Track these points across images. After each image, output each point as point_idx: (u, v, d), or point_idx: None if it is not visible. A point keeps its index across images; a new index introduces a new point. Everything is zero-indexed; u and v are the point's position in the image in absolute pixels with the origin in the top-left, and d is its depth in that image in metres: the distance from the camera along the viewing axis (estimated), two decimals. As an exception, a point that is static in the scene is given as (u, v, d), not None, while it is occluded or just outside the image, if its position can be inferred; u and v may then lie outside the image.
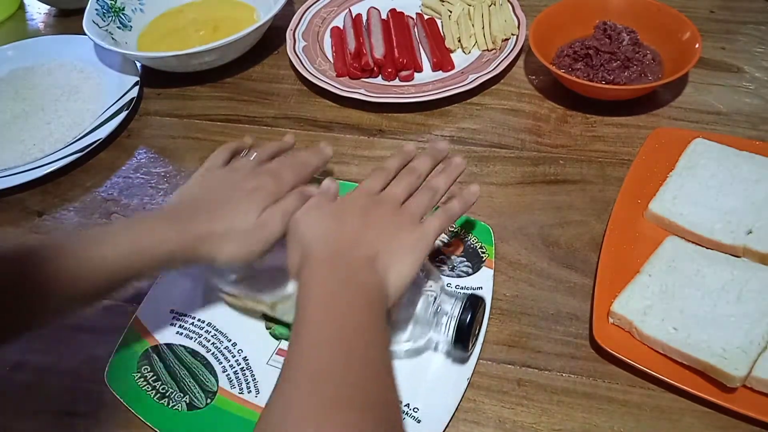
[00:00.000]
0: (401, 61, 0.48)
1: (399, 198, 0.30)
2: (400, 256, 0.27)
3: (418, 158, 0.32)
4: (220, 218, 0.30)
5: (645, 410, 0.29)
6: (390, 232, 0.28)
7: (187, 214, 0.30)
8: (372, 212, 0.29)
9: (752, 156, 0.38)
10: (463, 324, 0.29)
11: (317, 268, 0.27)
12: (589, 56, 0.45)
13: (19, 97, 0.52)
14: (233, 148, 0.36)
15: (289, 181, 0.32)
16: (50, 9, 0.64)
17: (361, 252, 0.27)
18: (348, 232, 0.28)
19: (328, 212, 0.29)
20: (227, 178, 0.32)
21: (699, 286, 0.32)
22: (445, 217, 0.30)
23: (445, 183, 0.31)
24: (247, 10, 0.57)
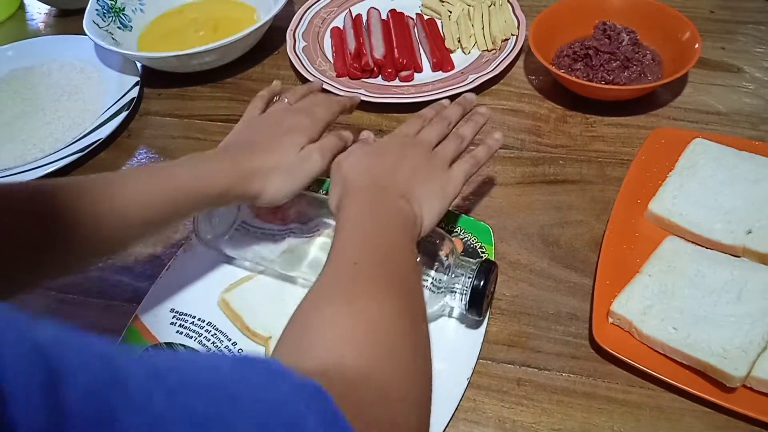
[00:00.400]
0: (401, 62, 0.48)
1: (432, 142, 0.32)
2: (431, 196, 0.30)
3: (449, 108, 0.35)
4: (266, 155, 0.32)
5: (645, 410, 0.29)
6: (423, 172, 0.30)
7: (238, 152, 0.32)
8: (408, 153, 0.31)
9: (752, 156, 0.38)
10: (477, 288, 0.30)
11: (356, 195, 0.29)
12: (589, 56, 0.45)
13: (19, 97, 0.52)
14: (266, 96, 0.38)
15: (321, 117, 0.34)
16: (50, 9, 0.64)
17: (397, 186, 0.29)
18: (386, 167, 0.30)
19: (367, 151, 0.32)
20: (266, 121, 0.35)
21: (699, 286, 0.32)
22: (472, 163, 0.32)
23: (471, 131, 0.34)
24: (248, 11, 0.57)
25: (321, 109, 0.35)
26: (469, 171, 0.32)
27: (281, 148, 0.32)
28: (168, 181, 0.29)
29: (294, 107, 0.36)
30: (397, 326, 0.22)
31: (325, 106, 0.36)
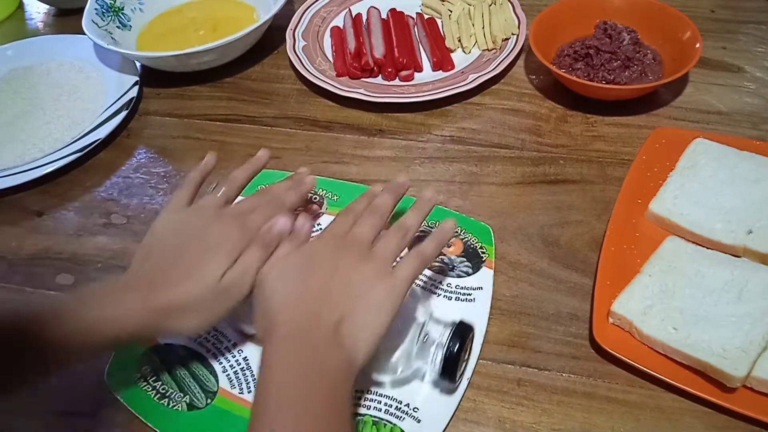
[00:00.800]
0: (401, 61, 0.48)
1: (366, 239, 0.28)
2: (368, 316, 0.26)
3: (380, 196, 0.31)
4: (180, 287, 0.27)
5: (645, 410, 0.29)
6: (359, 286, 0.26)
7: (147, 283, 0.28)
8: (341, 261, 0.27)
9: (753, 156, 0.38)
10: (451, 355, 0.27)
11: (279, 348, 0.25)
12: (590, 56, 0.45)
13: (18, 97, 0.52)
14: (197, 180, 0.33)
15: (256, 227, 0.29)
16: (49, 8, 0.64)
17: (327, 318, 0.25)
18: (313, 292, 0.26)
19: (293, 266, 0.27)
20: (190, 228, 0.29)
21: (699, 286, 0.32)
22: (417, 261, 0.28)
23: (415, 220, 0.30)
24: (247, 10, 0.57)
25: (260, 216, 0.29)
26: (415, 272, 0.27)
27: (201, 276, 0.27)
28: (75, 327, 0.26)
29: (227, 212, 0.30)
30: None
31: (266, 213, 0.30)
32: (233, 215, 0.30)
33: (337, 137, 0.46)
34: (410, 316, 0.29)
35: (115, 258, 0.39)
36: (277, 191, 0.32)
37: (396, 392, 0.30)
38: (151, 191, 0.44)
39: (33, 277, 0.39)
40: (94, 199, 0.44)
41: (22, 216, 0.43)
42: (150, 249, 0.30)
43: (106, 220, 0.42)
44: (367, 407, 0.30)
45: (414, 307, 0.29)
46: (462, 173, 0.42)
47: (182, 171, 0.45)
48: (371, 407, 0.30)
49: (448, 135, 0.45)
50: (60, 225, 0.42)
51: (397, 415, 0.30)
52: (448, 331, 0.28)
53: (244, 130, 0.47)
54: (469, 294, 0.34)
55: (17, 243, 0.41)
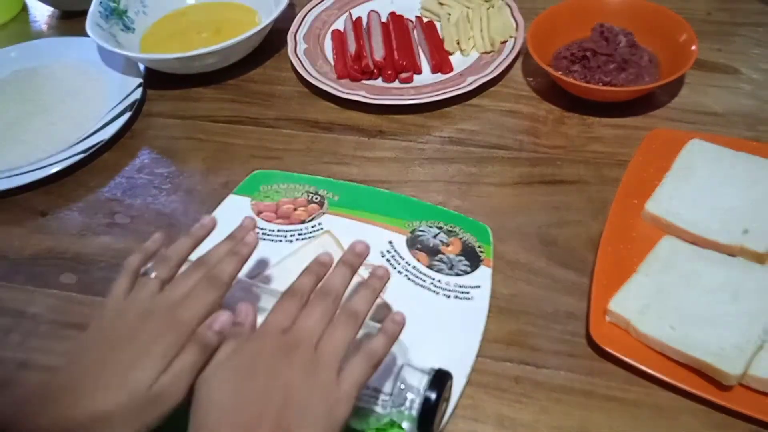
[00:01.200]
0: (401, 64, 0.49)
1: (312, 336, 0.25)
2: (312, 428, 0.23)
3: (332, 274, 0.28)
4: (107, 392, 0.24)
5: (642, 408, 0.30)
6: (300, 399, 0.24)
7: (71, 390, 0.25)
8: (282, 367, 0.24)
9: (748, 156, 0.38)
10: (429, 404, 0.26)
11: None
12: (587, 58, 0.45)
13: (22, 99, 0.52)
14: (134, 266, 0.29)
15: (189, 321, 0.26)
16: (53, 11, 0.65)
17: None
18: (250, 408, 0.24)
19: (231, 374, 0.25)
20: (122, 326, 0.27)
21: (695, 285, 0.32)
22: (366, 366, 0.25)
23: (365, 305, 0.27)
24: (249, 13, 0.58)
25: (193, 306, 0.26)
26: (364, 377, 0.25)
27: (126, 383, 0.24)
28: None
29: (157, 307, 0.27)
30: None
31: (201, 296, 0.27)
32: (166, 308, 0.27)
33: (337, 138, 0.46)
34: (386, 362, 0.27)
35: (118, 258, 0.40)
36: (214, 261, 0.29)
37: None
38: (154, 191, 0.44)
39: (36, 276, 0.39)
40: (98, 200, 0.44)
41: (26, 216, 0.44)
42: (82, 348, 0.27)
43: (110, 220, 0.42)
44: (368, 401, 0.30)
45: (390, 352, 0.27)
46: (461, 174, 0.42)
47: (185, 171, 0.45)
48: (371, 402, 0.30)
49: (447, 136, 0.45)
50: (64, 225, 0.43)
51: (396, 412, 0.30)
52: (425, 378, 0.27)
53: (246, 132, 0.48)
54: (468, 292, 0.34)
55: (21, 243, 0.42)
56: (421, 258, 0.36)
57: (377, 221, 0.39)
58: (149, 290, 0.28)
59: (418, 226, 0.38)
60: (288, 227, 0.39)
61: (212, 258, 0.29)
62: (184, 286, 0.28)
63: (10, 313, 0.37)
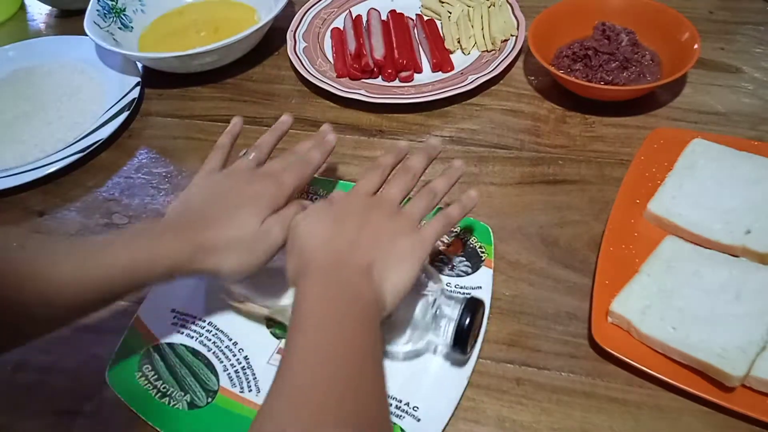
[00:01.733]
0: (401, 62, 0.49)
1: (396, 200, 0.30)
2: (396, 265, 0.27)
3: (412, 156, 0.32)
4: (222, 228, 0.29)
5: (644, 409, 0.30)
6: (387, 238, 0.28)
7: (188, 225, 0.29)
8: (370, 216, 0.28)
9: (751, 156, 0.38)
10: (462, 327, 0.29)
11: (313, 279, 0.26)
12: (588, 57, 0.45)
13: (20, 98, 0.52)
14: (227, 145, 0.35)
15: (290, 184, 0.31)
16: (51, 10, 0.64)
17: (358, 261, 0.27)
18: (345, 238, 0.28)
19: (326, 216, 0.29)
20: (227, 184, 0.32)
21: (698, 285, 0.32)
22: (443, 223, 0.29)
23: (444, 186, 0.31)
24: (248, 11, 0.57)
25: (291, 175, 0.31)
26: (441, 232, 0.29)
27: (238, 220, 0.29)
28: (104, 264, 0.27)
29: (261, 171, 0.32)
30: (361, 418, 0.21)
31: (296, 171, 0.32)
32: (266, 174, 0.32)
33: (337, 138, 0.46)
34: (423, 290, 0.30)
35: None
36: (302, 152, 0.34)
37: (396, 390, 0.30)
38: (152, 191, 0.44)
39: (34, 276, 0.39)
40: (96, 200, 0.44)
41: (24, 216, 0.43)
42: (187, 202, 0.31)
43: (108, 220, 0.42)
44: None
45: (426, 281, 0.30)
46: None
47: (183, 171, 0.45)
48: None
49: (447, 135, 0.45)
50: (62, 225, 0.42)
51: (397, 414, 0.30)
52: (459, 305, 0.29)
53: (245, 131, 0.47)
54: (469, 293, 0.34)
55: (19, 243, 0.41)
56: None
57: (377, 221, 0.38)
58: (247, 164, 0.33)
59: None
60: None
61: (299, 148, 0.35)
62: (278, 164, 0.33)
63: (7, 314, 0.37)
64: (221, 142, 0.35)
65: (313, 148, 0.34)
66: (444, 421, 0.29)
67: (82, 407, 0.32)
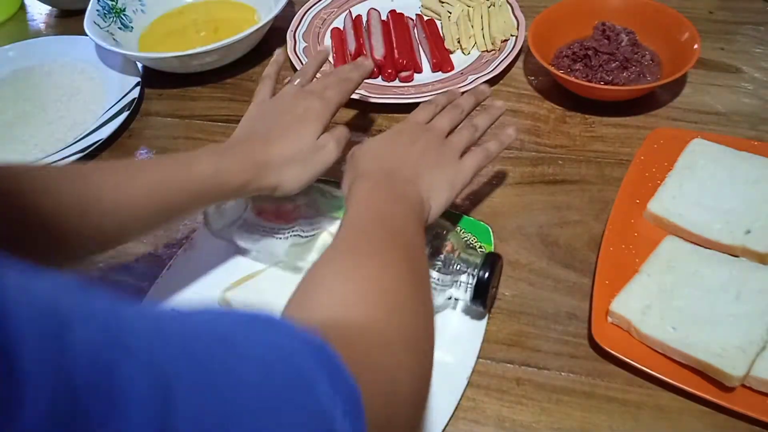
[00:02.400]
0: (401, 62, 0.49)
1: (444, 130, 0.33)
2: (439, 184, 0.30)
3: (463, 97, 0.35)
4: (282, 145, 0.32)
5: (644, 409, 0.30)
6: (434, 160, 0.31)
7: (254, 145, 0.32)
8: (420, 139, 0.32)
9: (751, 156, 0.38)
10: (482, 281, 0.30)
11: (364, 182, 0.29)
12: (588, 57, 0.45)
13: (20, 98, 0.52)
14: (273, 76, 0.38)
15: (334, 99, 0.34)
16: (51, 10, 0.64)
17: (407, 172, 0.30)
18: (397, 154, 0.31)
19: (380, 138, 0.33)
20: (278, 107, 0.34)
21: (698, 285, 0.32)
22: (482, 156, 0.33)
23: (485, 122, 0.34)
24: (248, 12, 0.57)
25: (334, 91, 0.35)
26: (480, 163, 0.32)
27: (297, 136, 0.32)
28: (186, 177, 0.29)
29: (306, 90, 0.35)
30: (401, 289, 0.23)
31: (338, 87, 0.35)
32: (312, 93, 0.34)
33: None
34: (444, 245, 0.32)
35: (117, 258, 0.39)
36: (343, 72, 0.37)
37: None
38: (152, 191, 0.44)
39: (34, 276, 0.39)
40: (96, 199, 0.44)
41: (24, 216, 0.43)
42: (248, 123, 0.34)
43: (108, 220, 0.42)
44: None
45: (446, 237, 0.32)
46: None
47: (183, 171, 0.45)
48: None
49: (447, 135, 0.45)
50: (61, 225, 0.42)
51: (396, 413, 0.30)
52: (479, 260, 0.31)
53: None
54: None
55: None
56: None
57: (377, 221, 0.38)
58: (294, 88, 0.36)
59: (419, 226, 0.38)
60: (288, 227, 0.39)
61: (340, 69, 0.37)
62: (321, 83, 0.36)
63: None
64: (267, 72, 0.38)
65: (352, 69, 0.37)
66: (444, 421, 0.29)
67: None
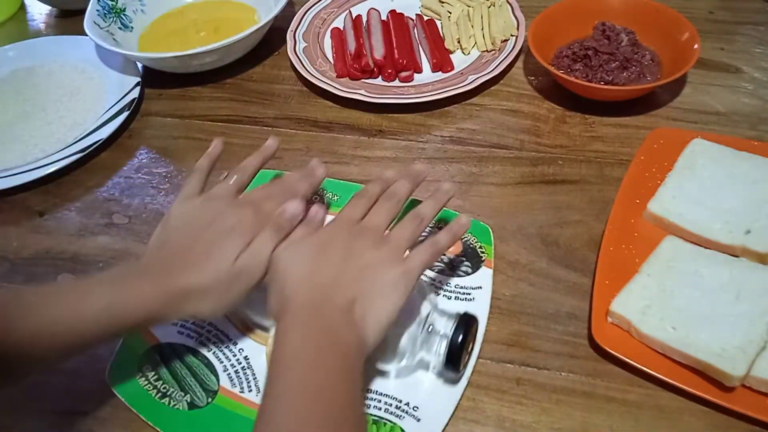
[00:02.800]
0: (401, 62, 0.49)
1: (380, 227, 0.29)
2: (380, 300, 0.26)
3: (397, 182, 0.31)
4: (198, 271, 0.28)
5: (644, 409, 0.30)
6: (372, 271, 0.27)
7: (163, 268, 0.28)
8: (354, 246, 0.28)
9: (751, 156, 0.38)
10: (455, 344, 0.28)
11: (294, 320, 0.26)
12: (588, 57, 0.45)
13: (20, 98, 0.52)
14: (206, 167, 0.33)
15: (271, 212, 0.30)
16: (51, 10, 0.64)
17: (340, 298, 0.26)
18: (328, 272, 0.27)
19: (308, 248, 0.28)
20: (203, 215, 0.30)
21: (698, 285, 0.32)
22: (430, 252, 0.28)
23: (431, 210, 0.30)
24: (248, 11, 0.57)
25: (273, 204, 0.30)
26: (427, 262, 0.28)
27: (216, 259, 0.28)
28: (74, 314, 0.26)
29: (241, 200, 0.31)
30: None
31: (278, 198, 0.30)
32: (246, 202, 0.31)
33: (337, 138, 0.46)
34: (415, 306, 0.29)
35: (116, 258, 0.40)
36: (289, 181, 0.33)
37: (396, 390, 0.31)
38: (152, 191, 0.44)
39: (35, 277, 0.39)
40: (96, 199, 0.44)
41: (24, 216, 0.43)
42: (165, 237, 0.30)
43: (108, 220, 0.42)
44: (367, 406, 0.30)
45: (419, 298, 0.30)
46: (461, 173, 0.42)
47: (183, 171, 0.45)
48: (371, 406, 0.30)
49: (447, 135, 0.45)
50: (62, 225, 0.42)
51: (397, 414, 0.30)
52: (452, 322, 0.29)
53: (244, 131, 0.48)
54: (469, 293, 0.34)
55: (19, 243, 0.41)
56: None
57: (377, 221, 0.38)
58: (226, 190, 0.31)
59: (419, 226, 0.38)
60: (287, 227, 0.39)
61: (287, 178, 0.33)
62: (261, 191, 0.31)
63: (7, 314, 0.37)
64: (200, 164, 0.33)
65: (301, 180, 0.32)
66: (444, 421, 0.29)
67: (82, 407, 0.32)
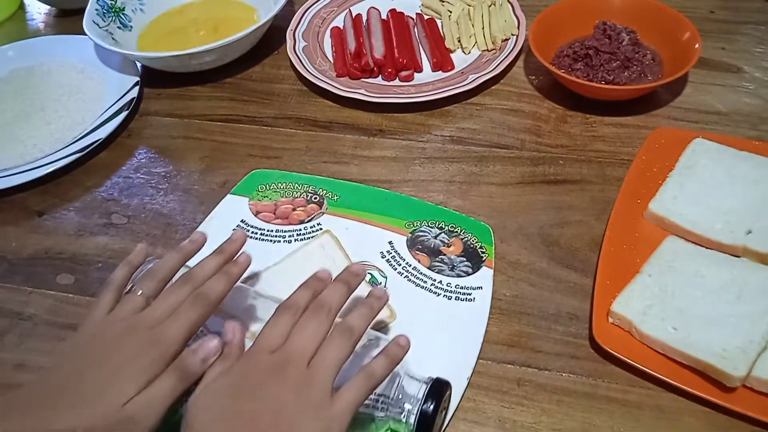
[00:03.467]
0: (401, 62, 0.48)
1: (304, 353, 0.24)
2: None
3: (328, 288, 0.27)
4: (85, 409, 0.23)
5: (645, 410, 0.29)
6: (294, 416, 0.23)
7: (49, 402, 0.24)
8: (272, 386, 0.24)
9: (752, 156, 0.38)
10: (426, 414, 0.25)
11: None
12: (589, 56, 0.45)
13: (19, 97, 0.52)
14: (119, 281, 0.28)
15: (175, 339, 0.25)
16: (50, 9, 0.64)
17: None
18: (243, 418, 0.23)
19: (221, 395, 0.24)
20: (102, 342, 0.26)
21: (699, 285, 0.32)
22: (364, 388, 0.24)
23: (363, 321, 0.26)
24: (248, 11, 0.57)
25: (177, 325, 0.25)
26: (361, 399, 0.24)
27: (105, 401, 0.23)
28: None
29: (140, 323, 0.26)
30: None
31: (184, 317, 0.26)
32: (147, 326, 0.26)
33: (337, 137, 0.46)
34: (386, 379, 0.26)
35: (115, 258, 0.39)
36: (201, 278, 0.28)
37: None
38: (151, 191, 0.44)
39: (34, 277, 0.39)
40: (95, 199, 0.44)
41: (23, 216, 0.43)
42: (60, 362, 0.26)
43: (107, 220, 0.42)
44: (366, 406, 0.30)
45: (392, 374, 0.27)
46: (462, 173, 0.42)
47: (182, 170, 0.45)
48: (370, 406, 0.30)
49: (447, 135, 0.45)
50: (61, 225, 0.42)
51: (396, 414, 0.30)
52: (423, 388, 0.26)
53: (244, 131, 0.48)
54: (469, 294, 0.34)
55: (18, 243, 0.41)
56: (422, 259, 0.36)
57: (377, 221, 0.38)
58: (132, 306, 0.27)
59: (419, 226, 0.38)
60: (287, 227, 0.39)
61: (200, 274, 0.28)
62: (168, 303, 0.26)
63: (7, 314, 0.37)
64: (114, 276, 0.29)
65: (217, 278, 0.27)
66: (444, 422, 0.29)
67: None
